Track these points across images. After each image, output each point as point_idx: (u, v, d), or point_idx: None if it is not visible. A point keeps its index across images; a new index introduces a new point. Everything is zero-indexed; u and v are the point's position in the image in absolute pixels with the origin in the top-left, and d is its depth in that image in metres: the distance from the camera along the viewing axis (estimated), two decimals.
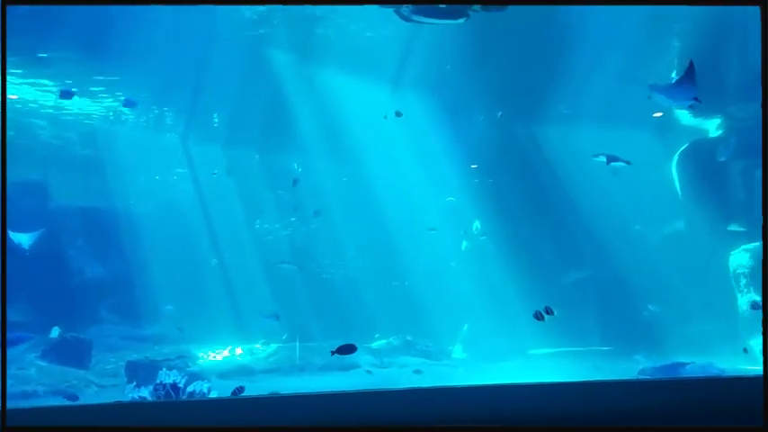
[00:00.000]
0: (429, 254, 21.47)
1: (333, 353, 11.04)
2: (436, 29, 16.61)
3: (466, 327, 19.80)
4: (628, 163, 14.12)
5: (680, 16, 16.59)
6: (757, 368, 14.92)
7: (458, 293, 20.10)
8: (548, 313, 11.16)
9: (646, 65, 17.83)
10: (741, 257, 17.43)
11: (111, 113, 21.13)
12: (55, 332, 15.40)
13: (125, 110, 20.80)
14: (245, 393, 10.64)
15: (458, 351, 19.52)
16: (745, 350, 14.12)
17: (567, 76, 17.94)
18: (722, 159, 17.88)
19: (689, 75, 9.98)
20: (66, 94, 17.54)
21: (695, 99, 10.06)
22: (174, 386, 12.05)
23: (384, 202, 21.33)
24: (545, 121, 19.41)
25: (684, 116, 19.54)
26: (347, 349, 10.97)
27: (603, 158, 14.32)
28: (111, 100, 20.03)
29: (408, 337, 19.20)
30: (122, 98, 19.33)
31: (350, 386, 12.96)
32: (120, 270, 20.19)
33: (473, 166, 21.05)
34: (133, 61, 17.53)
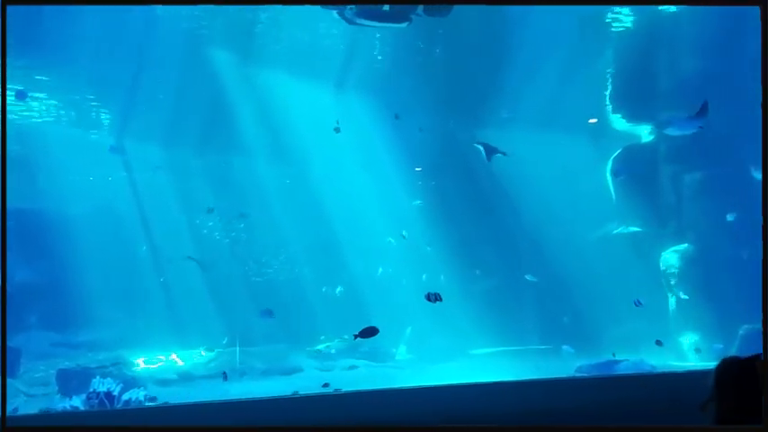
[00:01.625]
0: (372, 256, 21.49)
1: (356, 336, 11.33)
2: (379, 32, 16.67)
3: (409, 329, 19.91)
4: (504, 154, 16.41)
5: (615, 19, 17.07)
6: (682, 364, 15.68)
7: (401, 295, 20.20)
8: (437, 299, 12.85)
9: (582, 69, 18.36)
10: (671, 258, 18.20)
11: (41, 111, 20.25)
12: None
13: (62, 109, 20.00)
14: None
15: (402, 352, 19.62)
16: (659, 342, 14.84)
17: (508, 80, 18.29)
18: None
19: (702, 113, 11.52)
20: (20, 95, 17.08)
21: (700, 127, 11.57)
22: (109, 394, 11.66)
23: (327, 203, 21.21)
24: (486, 125, 19.73)
25: (618, 122, 20.27)
26: (369, 332, 11.22)
27: (481, 148, 16.68)
28: (43, 97, 19.20)
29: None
30: (56, 96, 18.57)
31: (293, 390, 12.80)
32: (50, 274, 19.32)
33: (417, 169, 21.22)
34: (66, 58, 16.86)
